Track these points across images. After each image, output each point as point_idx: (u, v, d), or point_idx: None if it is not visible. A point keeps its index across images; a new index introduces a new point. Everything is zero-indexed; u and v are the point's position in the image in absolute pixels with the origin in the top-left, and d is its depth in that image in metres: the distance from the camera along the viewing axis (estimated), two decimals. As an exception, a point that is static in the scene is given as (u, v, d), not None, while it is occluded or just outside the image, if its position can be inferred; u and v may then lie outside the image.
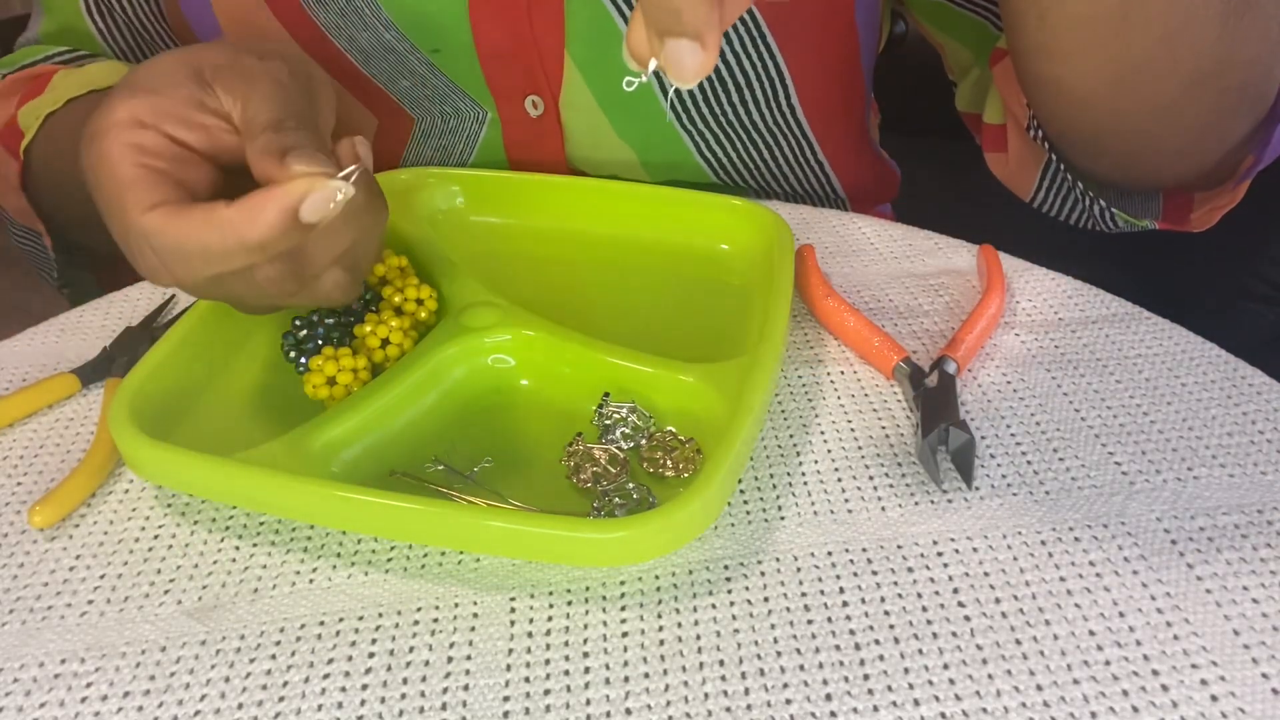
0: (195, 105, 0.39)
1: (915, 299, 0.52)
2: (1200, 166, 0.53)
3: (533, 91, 0.60)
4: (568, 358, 0.45)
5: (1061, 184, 0.57)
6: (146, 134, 0.38)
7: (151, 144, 0.38)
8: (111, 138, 0.38)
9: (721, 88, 0.60)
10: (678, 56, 0.30)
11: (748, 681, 0.34)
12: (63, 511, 0.41)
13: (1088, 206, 0.56)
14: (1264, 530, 0.38)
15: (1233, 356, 0.47)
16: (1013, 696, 0.33)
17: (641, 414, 0.43)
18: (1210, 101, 0.49)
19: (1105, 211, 0.55)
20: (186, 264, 0.37)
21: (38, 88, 0.62)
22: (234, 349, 0.47)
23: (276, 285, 0.38)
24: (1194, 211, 0.56)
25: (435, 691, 0.34)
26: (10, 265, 1.51)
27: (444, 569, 0.38)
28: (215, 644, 0.36)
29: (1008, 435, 0.43)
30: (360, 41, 0.59)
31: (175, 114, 0.39)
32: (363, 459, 0.42)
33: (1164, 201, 0.57)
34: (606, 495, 0.40)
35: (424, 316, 0.48)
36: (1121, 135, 0.51)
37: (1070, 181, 0.56)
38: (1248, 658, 0.34)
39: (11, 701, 0.34)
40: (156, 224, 0.37)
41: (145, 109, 0.39)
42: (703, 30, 0.30)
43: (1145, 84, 0.47)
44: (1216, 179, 0.54)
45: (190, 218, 0.37)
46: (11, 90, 0.64)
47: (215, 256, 0.37)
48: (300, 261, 0.39)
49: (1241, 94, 0.50)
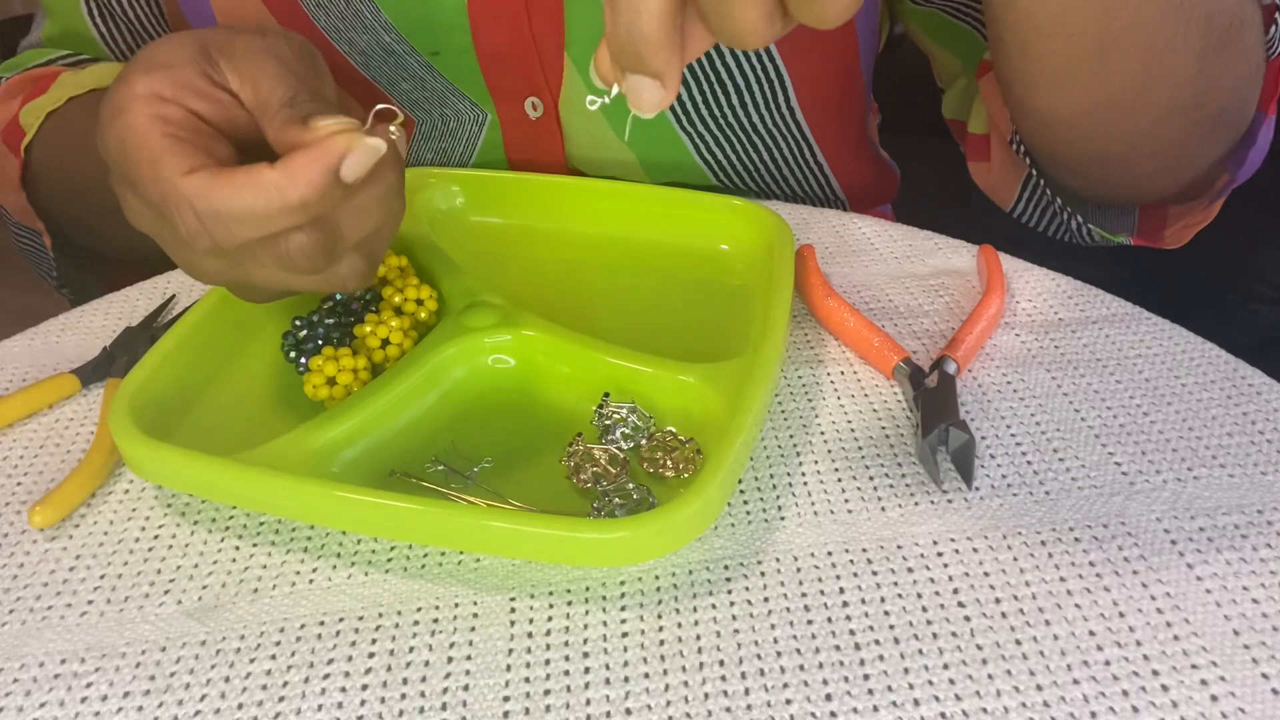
0: (207, 80, 0.39)
1: (915, 299, 0.52)
2: (1176, 185, 0.55)
3: (532, 93, 0.61)
4: (568, 358, 0.45)
5: (1040, 197, 0.58)
6: (169, 107, 0.38)
7: (175, 116, 0.38)
8: (136, 111, 0.38)
9: (721, 90, 0.60)
10: (638, 91, 0.31)
11: (748, 681, 0.34)
12: (63, 511, 0.41)
13: (1065, 221, 0.57)
14: (1264, 530, 0.38)
15: (1233, 356, 0.47)
16: (1013, 696, 0.33)
17: (641, 414, 0.43)
18: (1187, 129, 0.50)
19: (1082, 226, 0.57)
20: (227, 227, 0.37)
21: (41, 89, 0.62)
22: (234, 349, 0.48)
23: (305, 258, 0.38)
24: (1168, 229, 0.57)
25: (435, 691, 0.34)
26: (10, 266, 1.51)
27: (444, 569, 0.38)
28: (215, 644, 0.36)
29: (1008, 435, 0.43)
30: (360, 44, 0.59)
31: (192, 87, 0.39)
32: (363, 459, 0.42)
33: (1139, 218, 0.59)
34: (606, 495, 0.40)
35: (424, 317, 0.48)
36: (1100, 159, 0.53)
37: (1049, 196, 0.57)
38: (1248, 658, 0.34)
39: (11, 701, 0.34)
40: (200, 186, 0.36)
41: (165, 83, 0.39)
42: (663, 71, 0.31)
43: (1123, 114, 0.48)
44: (1192, 193, 0.56)
45: (233, 179, 0.36)
46: (15, 90, 0.64)
47: (257, 218, 0.36)
48: (332, 235, 0.38)
49: (1218, 121, 0.51)
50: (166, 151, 0.37)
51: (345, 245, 0.39)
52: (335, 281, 0.41)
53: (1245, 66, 0.49)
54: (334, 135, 0.36)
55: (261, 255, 0.38)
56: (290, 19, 0.59)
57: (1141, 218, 0.59)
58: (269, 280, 0.40)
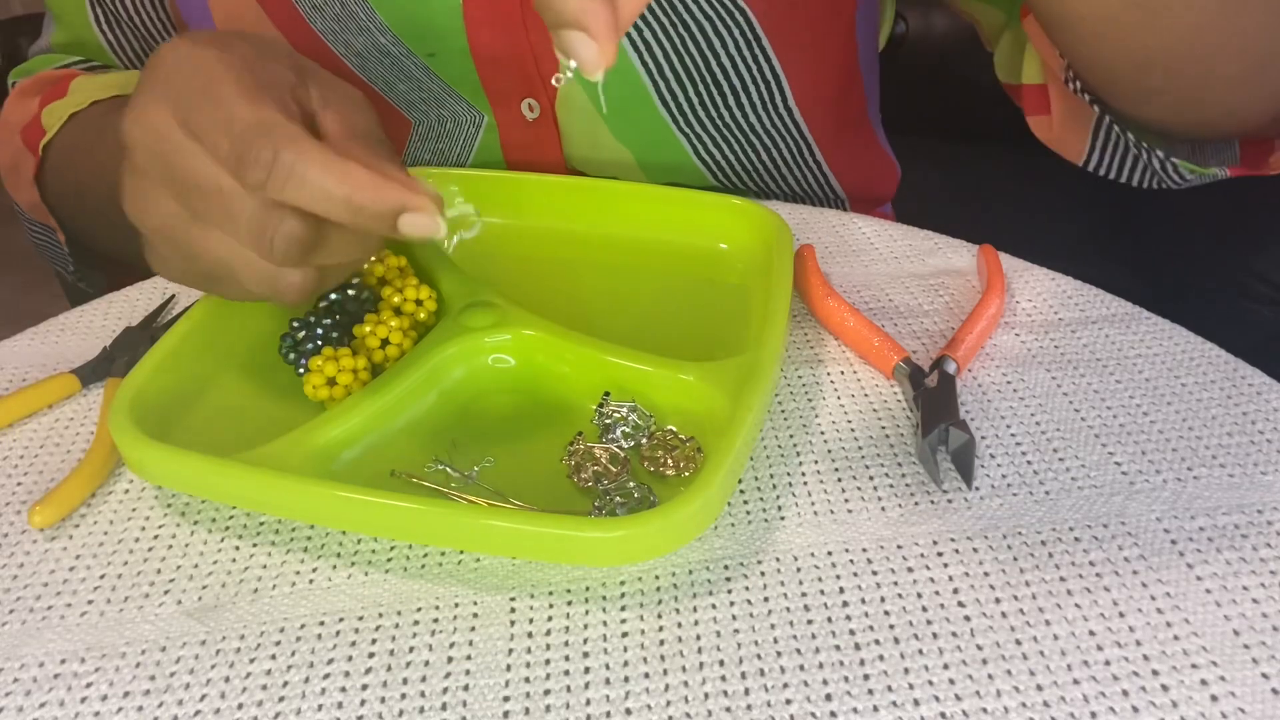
0: (293, 93, 0.39)
1: (915, 299, 0.52)
2: (1262, 97, 0.47)
3: (529, 95, 0.61)
4: (568, 358, 0.45)
5: (1116, 140, 0.53)
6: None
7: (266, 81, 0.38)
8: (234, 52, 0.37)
9: (718, 90, 0.60)
10: (573, 48, 0.31)
11: (748, 681, 0.34)
12: (63, 511, 0.41)
13: (1147, 160, 0.51)
14: (1264, 530, 0.38)
15: (1233, 356, 0.47)
16: (1013, 696, 0.33)
17: (642, 413, 0.43)
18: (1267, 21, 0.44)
19: (1165, 163, 0.51)
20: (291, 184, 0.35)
21: (59, 91, 0.62)
22: (234, 349, 0.47)
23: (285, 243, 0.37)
24: (1275, 154, 0.51)
25: (435, 691, 0.34)
26: (10, 266, 1.52)
27: (444, 569, 0.38)
28: (215, 644, 0.36)
29: (1008, 435, 0.43)
30: (356, 46, 0.59)
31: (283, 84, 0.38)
32: (363, 459, 0.42)
33: (1241, 148, 0.53)
34: (607, 494, 0.40)
35: (423, 317, 0.48)
36: (1167, 68, 0.46)
37: (1123, 136, 0.52)
38: (1248, 658, 0.34)
39: (11, 701, 0.34)
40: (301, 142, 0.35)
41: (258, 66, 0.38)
42: (583, 19, 0.31)
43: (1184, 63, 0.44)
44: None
45: (322, 148, 0.36)
46: (33, 90, 0.65)
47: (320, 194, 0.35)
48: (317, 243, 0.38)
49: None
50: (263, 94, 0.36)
51: (324, 255, 0.39)
52: (280, 286, 0.39)
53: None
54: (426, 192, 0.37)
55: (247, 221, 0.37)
56: (287, 21, 0.59)
57: (1244, 147, 0.53)
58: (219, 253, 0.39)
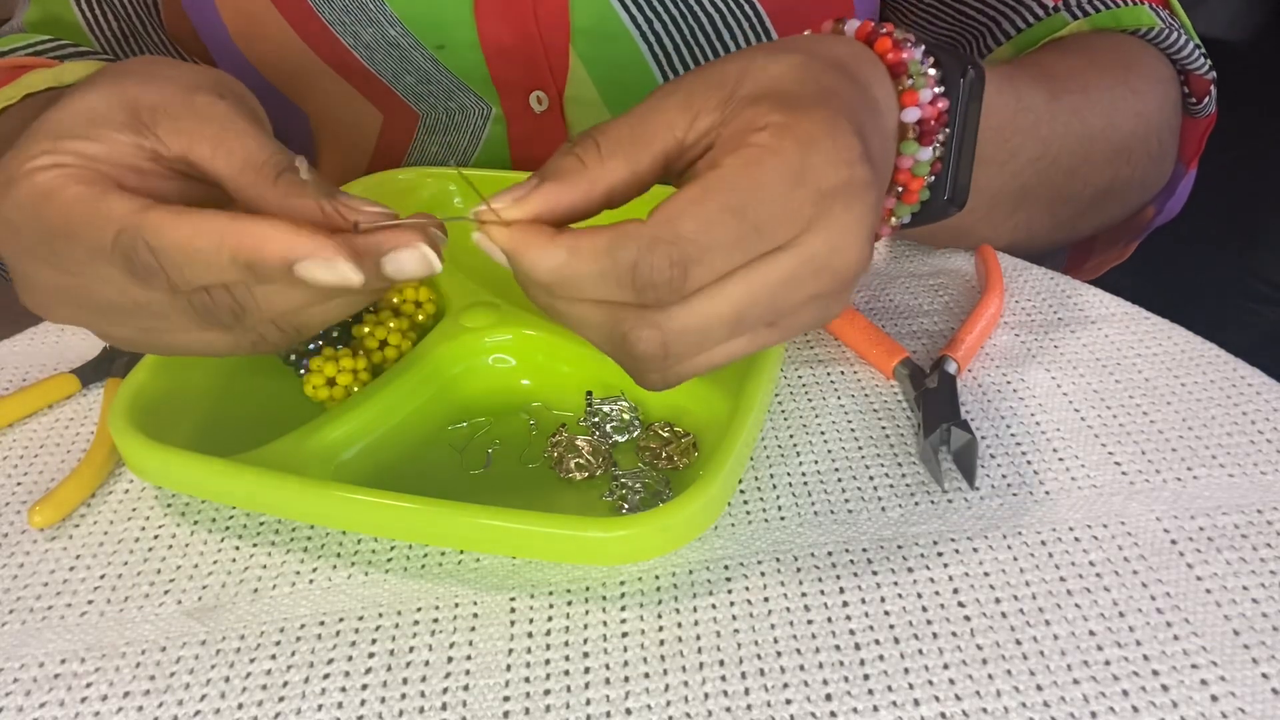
0: (140, 155, 0.34)
1: (915, 299, 0.52)
2: (1100, 228, 0.62)
3: (537, 87, 0.61)
4: (568, 357, 0.45)
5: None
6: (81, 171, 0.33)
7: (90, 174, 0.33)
8: (38, 176, 0.33)
9: None
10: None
11: (748, 681, 0.34)
12: (63, 511, 0.41)
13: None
14: (1264, 530, 0.38)
15: (1233, 356, 0.47)
16: (1013, 696, 0.33)
17: (629, 406, 0.43)
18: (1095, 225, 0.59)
19: None
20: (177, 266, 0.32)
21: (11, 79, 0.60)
22: (234, 349, 0.47)
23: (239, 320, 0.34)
24: (1091, 259, 0.66)
25: (435, 691, 0.34)
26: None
27: (444, 569, 0.38)
28: (215, 644, 0.36)
29: (1008, 435, 0.43)
30: (365, 37, 0.59)
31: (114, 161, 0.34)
32: (363, 459, 0.42)
33: (1069, 254, 0.67)
34: (619, 481, 0.40)
35: (422, 319, 0.48)
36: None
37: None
38: (1248, 658, 0.34)
39: (11, 701, 0.34)
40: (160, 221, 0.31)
41: (74, 160, 0.33)
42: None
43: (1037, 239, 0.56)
44: (1120, 232, 0.64)
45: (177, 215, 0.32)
46: None
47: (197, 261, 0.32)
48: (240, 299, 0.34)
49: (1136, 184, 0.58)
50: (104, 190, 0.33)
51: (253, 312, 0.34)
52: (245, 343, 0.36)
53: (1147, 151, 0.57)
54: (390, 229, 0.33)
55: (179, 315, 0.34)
56: (295, 12, 0.59)
57: (1071, 253, 0.67)
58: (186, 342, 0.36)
